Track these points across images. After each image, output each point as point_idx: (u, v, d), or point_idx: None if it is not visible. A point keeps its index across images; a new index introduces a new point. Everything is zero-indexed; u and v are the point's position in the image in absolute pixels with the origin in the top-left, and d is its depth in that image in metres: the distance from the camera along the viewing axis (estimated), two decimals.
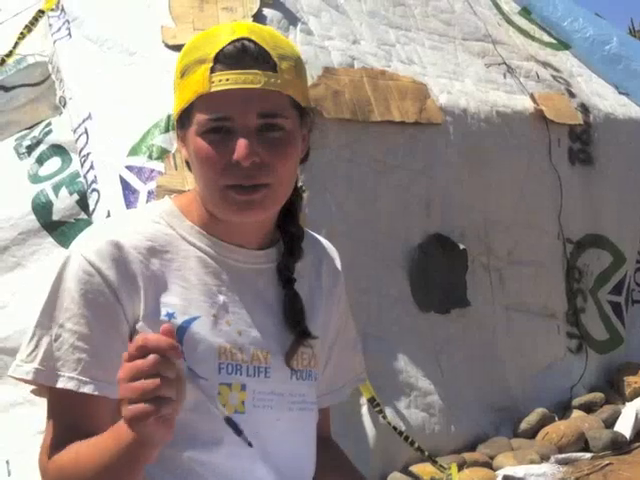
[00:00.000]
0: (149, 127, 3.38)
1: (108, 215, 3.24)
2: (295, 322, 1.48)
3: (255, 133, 1.37)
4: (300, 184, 1.56)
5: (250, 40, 1.38)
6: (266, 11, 3.82)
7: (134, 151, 3.36)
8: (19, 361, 1.40)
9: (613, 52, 5.37)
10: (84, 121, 3.52)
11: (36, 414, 2.95)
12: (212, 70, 1.37)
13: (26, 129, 3.86)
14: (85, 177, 3.44)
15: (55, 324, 1.37)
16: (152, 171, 3.26)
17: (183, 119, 1.42)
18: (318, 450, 1.56)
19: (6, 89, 3.91)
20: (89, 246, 1.39)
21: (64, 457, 1.36)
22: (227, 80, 1.36)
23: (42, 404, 1.44)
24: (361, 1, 4.45)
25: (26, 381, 1.41)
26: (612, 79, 5.29)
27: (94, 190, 3.35)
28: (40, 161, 3.68)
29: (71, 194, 3.54)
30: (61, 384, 1.36)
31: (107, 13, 3.87)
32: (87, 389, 1.36)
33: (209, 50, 1.38)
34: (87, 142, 3.47)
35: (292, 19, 3.91)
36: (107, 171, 3.37)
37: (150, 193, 3.19)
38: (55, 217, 3.52)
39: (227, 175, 1.37)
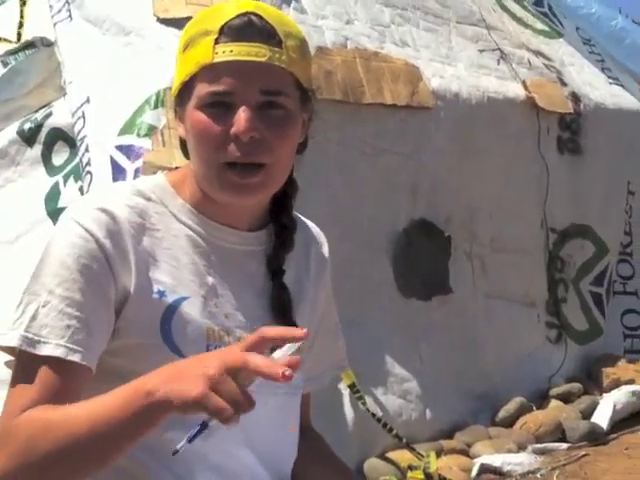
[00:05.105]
0: (139, 105, 3.32)
1: None
2: (281, 314, 1.46)
3: (256, 109, 1.34)
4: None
5: (256, 15, 1.36)
6: None
7: (124, 130, 3.30)
8: (4, 329, 1.33)
9: (620, 27, 5.29)
10: (82, 105, 3.47)
11: None
12: (216, 41, 1.34)
13: (31, 113, 3.84)
14: (81, 160, 3.41)
15: (44, 290, 1.31)
16: (140, 149, 3.21)
17: (183, 94, 1.38)
18: (299, 439, 1.53)
19: (16, 73, 3.88)
20: (84, 214, 1.35)
21: (48, 410, 1.26)
22: (231, 52, 1.33)
23: None
24: None
25: (10, 351, 1.35)
26: (618, 55, 5.22)
27: (88, 172, 3.32)
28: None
29: (76, 182, 3.52)
30: (47, 351, 1.28)
31: None
32: (75, 357, 1.29)
33: (214, 22, 1.35)
34: (84, 125, 3.43)
35: None
36: (99, 152, 3.32)
37: (137, 171, 3.14)
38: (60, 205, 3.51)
39: (224, 151, 1.34)
